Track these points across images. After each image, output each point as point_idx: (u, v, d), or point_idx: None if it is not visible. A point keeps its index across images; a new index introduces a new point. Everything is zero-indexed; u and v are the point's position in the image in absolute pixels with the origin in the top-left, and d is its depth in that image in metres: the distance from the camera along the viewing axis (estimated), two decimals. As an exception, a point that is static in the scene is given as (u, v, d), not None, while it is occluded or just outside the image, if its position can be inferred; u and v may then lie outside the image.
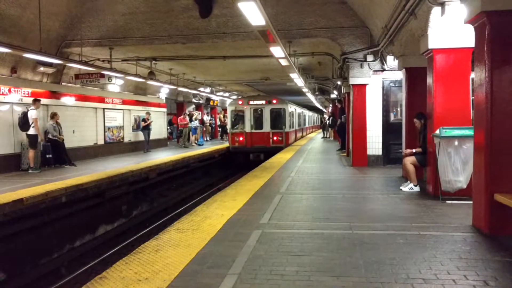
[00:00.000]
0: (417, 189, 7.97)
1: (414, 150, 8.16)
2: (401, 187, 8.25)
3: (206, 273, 3.91)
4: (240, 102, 22.51)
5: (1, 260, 7.48)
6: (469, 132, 6.45)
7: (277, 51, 10.53)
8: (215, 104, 32.67)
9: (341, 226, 5.54)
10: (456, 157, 6.83)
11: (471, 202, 5.62)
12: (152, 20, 13.02)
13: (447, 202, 6.90)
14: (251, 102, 22.09)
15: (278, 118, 22.17)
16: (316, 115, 58.20)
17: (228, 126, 22.83)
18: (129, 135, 20.02)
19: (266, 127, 21.78)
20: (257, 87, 30.39)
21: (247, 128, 21.69)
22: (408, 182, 8.16)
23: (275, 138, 21.58)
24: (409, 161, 8.06)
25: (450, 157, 6.86)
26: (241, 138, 21.59)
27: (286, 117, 22.09)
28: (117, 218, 11.38)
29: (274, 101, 22.12)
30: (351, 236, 5.07)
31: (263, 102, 22.14)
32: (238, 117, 22.43)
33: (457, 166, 6.84)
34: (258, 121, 22.01)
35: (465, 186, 6.82)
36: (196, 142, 23.85)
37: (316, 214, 6.35)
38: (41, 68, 13.34)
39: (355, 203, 7.14)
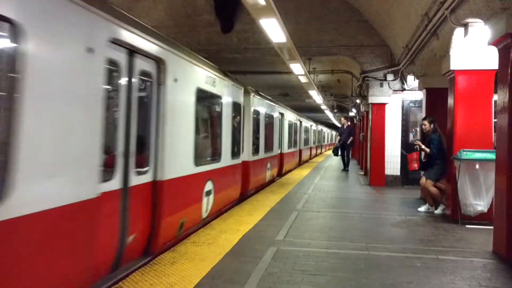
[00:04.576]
0: (437, 211, 7.83)
1: (423, 146, 7.94)
2: (419, 209, 8.12)
3: (220, 288, 3.91)
4: None
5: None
6: (491, 155, 6.34)
7: (297, 68, 10.62)
8: None
9: (357, 247, 5.48)
10: (477, 180, 6.71)
11: (492, 227, 5.50)
12: (175, 34, 13.28)
13: (467, 226, 6.76)
14: None
15: None
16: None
17: None
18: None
19: None
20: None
21: None
22: (427, 205, 8.04)
23: None
24: (429, 184, 7.88)
25: (470, 180, 6.74)
26: None
27: None
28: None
29: None
30: (367, 257, 5.00)
31: None
32: None
33: (478, 189, 6.71)
34: None
35: (485, 210, 6.68)
36: None
37: (332, 233, 6.29)
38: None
39: (372, 223, 7.05)
